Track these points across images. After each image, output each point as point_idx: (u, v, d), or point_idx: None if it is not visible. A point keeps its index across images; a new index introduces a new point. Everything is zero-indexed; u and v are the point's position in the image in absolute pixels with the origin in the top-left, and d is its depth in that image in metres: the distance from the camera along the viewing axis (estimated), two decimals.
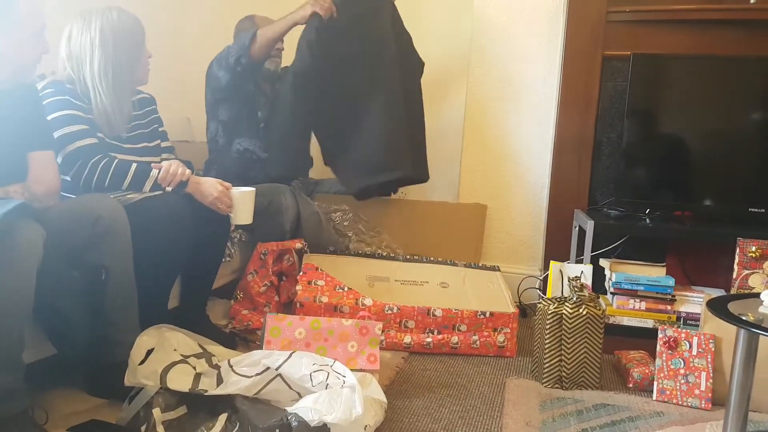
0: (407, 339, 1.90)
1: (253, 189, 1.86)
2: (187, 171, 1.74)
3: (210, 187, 1.75)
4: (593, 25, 2.24)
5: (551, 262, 1.91)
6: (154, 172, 1.69)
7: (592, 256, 2.10)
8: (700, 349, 1.64)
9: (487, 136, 2.54)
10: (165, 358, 1.40)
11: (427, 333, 1.91)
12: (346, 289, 1.95)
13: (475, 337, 1.92)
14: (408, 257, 2.19)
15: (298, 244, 2.12)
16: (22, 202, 1.32)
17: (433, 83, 2.87)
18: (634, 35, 2.21)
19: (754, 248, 1.95)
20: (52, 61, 1.71)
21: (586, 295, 1.78)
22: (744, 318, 1.22)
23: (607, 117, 2.28)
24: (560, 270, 1.88)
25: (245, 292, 2.04)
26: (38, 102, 1.62)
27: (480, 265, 2.21)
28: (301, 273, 2.01)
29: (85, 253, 1.53)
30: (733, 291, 1.98)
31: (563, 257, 2.31)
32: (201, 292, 1.93)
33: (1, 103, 1.51)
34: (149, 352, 1.43)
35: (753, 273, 1.94)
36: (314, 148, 2.43)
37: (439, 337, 1.91)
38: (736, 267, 1.97)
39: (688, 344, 1.66)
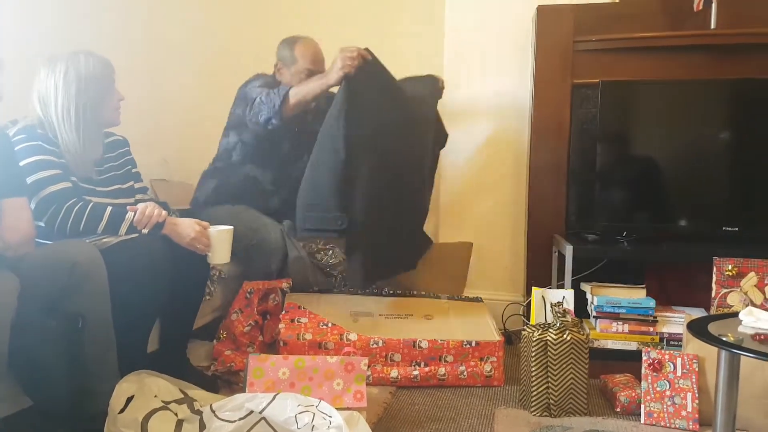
0: (394, 373, 1.88)
1: (231, 228, 1.84)
2: (163, 212, 1.73)
3: (187, 227, 1.74)
4: (561, 55, 2.30)
5: (533, 288, 1.92)
6: (130, 214, 1.67)
7: (573, 280, 2.11)
8: (684, 370, 1.65)
9: (464, 165, 2.57)
10: (145, 405, 1.37)
11: (414, 366, 1.90)
12: (330, 325, 1.94)
13: (462, 368, 1.91)
14: (391, 292, 2.19)
15: (285, 284, 2.10)
16: None
17: None
18: (601, 63, 2.27)
19: (730, 266, 1.98)
20: (23, 107, 1.71)
21: (569, 320, 1.79)
22: (724, 339, 1.24)
23: (579, 142, 2.33)
24: (542, 296, 1.89)
25: (228, 332, 2.01)
26: (9, 147, 1.60)
27: (463, 296, 2.21)
28: (283, 312, 1.99)
29: (62, 302, 1.51)
30: (712, 310, 2.00)
31: (545, 282, 2.31)
32: (181, 334, 1.90)
33: None
34: (129, 400, 1.39)
35: (731, 291, 1.97)
36: None
37: (426, 369, 1.89)
38: (714, 286, 2.00)
39: (672, 365, 1.67)
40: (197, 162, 2.53)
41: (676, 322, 2.04)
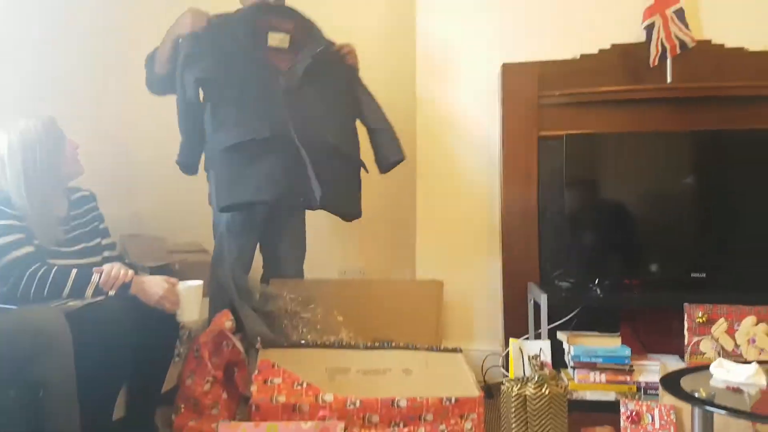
0: None
1: (200, 283, 1.80)
2: (130, 272, 1.69)
3: (155, 286, 1.70)
4: (527, 109, 2.37)
5: (510, 339, 1.92)
6: (95, 277, 1.64)
7: (549, 328, 2.12)
8: (662, 422, 1.65)
9: (439, 212, 2.59)
10: None
11: (393, 427, 1.84)
12: (304, 385, 1.88)
13: (443, 427, 1.86)
14: (369, 345, 2.15)
15: (228, 322, 2.02)
16: None
17: None
18: (566, 115, 2.35)
19: (700, 313, 2.01)
20: None
21: (547, 373, 1.78)
22: (696, 395, 1.24)
23: (549, 192, 2.38)
24: (520, 348, 1.89)
25: (186, 401, 1.89)
26: None
27: (441, 348, 2.19)
28: (256, 372, 1.93)
29: (23, 370, 1.44)
30: (686, 357, 2.02)
31: (522, 330, 2.32)
32: (148, 399, 1.83)
33: None
34: None
35: (703, 338, 1.99)
36: None
37: (405, 430, 1.85)
38: (686, 333, 2.02)
39: (650, 417, 1.66)
40: (170, 215, 2.51)
41: (652, 370, 2.05)
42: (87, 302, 1.62)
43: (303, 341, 2.13)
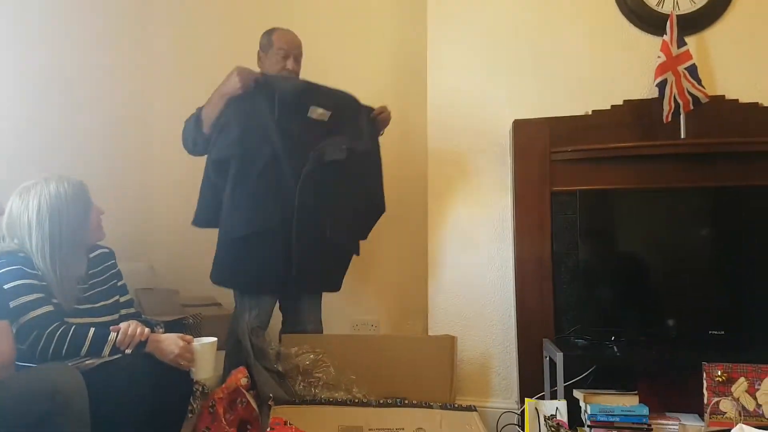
0: None
1: (215, 340, 1.82)
2: (146, 330, 1.71)
3: (171, 344, 1.72)
4: (539, 164, 2.39)
5: (526, 399, 1.90)
6: (112, 335, 1.67)
7: (565, 386, 2.08)
8: None
9: (451, 265, 2.59)
10: None
11: None
12: None
13: None
14: (381, 402, 2.13)
15: (243, 379, 2.02)
16: None
17: (397, 219, 2.98)
18: (579, 171, 2.35)
19: (719, 372, 1.97)
20: None
21: None
22: None
23: (563, 246, 2.37)
24: (536, 408, 1.86)
25: None
26: None
27: (456, 405, 2.16)
28: (269, 429, 1.92)
29: (40, 427, 1.46)
30: (706, 417, 1.97)
31: (538, 386, 2.28)
32: None
33: None
34: None
35: (723, 399, 1.95)
36: None
37: None
38: (705, 392, 1.98)
39: None
40: (184, 269, 2.54)
41: (671, 430, 2.01)
42: (104, 360, 1.64)
43: (315, 398, 2.13)
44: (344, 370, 2.26)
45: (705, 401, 1.99)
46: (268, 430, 1.92)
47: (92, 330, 1.66)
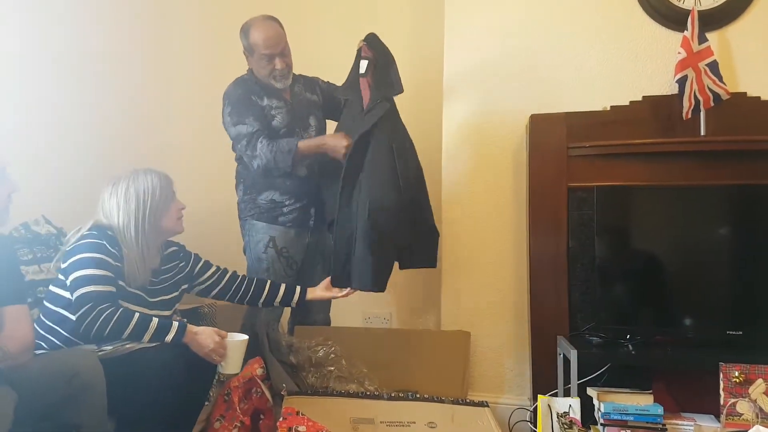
0: None
1: (246, 338, 1.87)
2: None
3: (207, 338, 1.77)
4: (556, 159, 2.36)
5: (539, 396, 1.89)
6: (154, 322, 1.72)
7: (579, 384, 2.07)
8: None
9: (465, 260, 2.58)
10: None
11: None
12: None
13: None
14: (393, 395, 2.14)
15: (259, 369, 2.05)
16: None
17: None
18: (596, 167, 2.33)
19: (737, 373, 1.95)
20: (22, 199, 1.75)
21: (576, 431, 1.74)
22: None
23: (578, 243, 2.35)
24: (548, 405, 1.85)
25: None
26: (11, 253, 1.64)
27: (468, 400, 2.16)
28: (281, 418, 1.93)
29: (59, 411, 1.49)
30: (722, 418, 1.95)
31: (551, 384, 2.27)
32: None
33: None
34: None
35: (740, 400, 1.93)
36: None
37: None
38: (722, 393, 1.96)
39: None
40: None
41: (685, 430, 1.99)
42: (140, 346, 1.70)
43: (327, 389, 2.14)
44: (356, 363, 2.28)
45: (721, 402, 1.97)
46: (281, 419, 1.94)
47: (137, 315, 1.71)
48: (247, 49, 2.35)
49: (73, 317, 1.69)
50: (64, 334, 1.74)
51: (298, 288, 2.15)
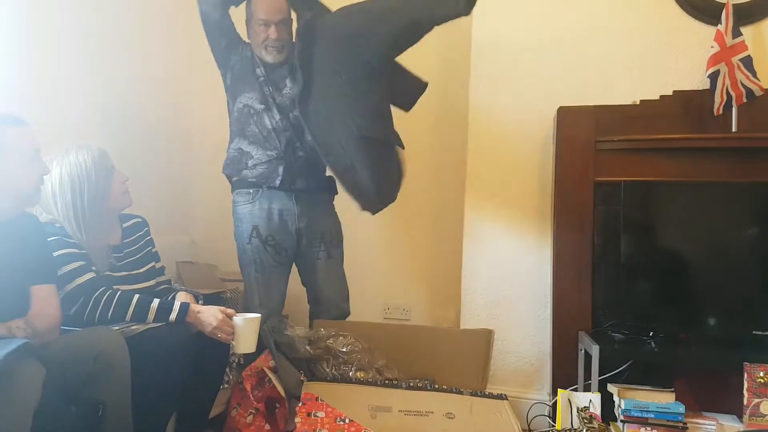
0: None
1: (258, 316, 1.85)
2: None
3: (209, 316, 1.76)
4: (583, 153, 2.33)
5: (559, 390, 1.88)
6: (156, 302, 1.70)
7: (600, 379, 2.06)
8: None
9: (487, 255, 2.57)
10: None
11: None
12: (347, 421, 1.89)
13: None
14: (411, 384, 2.14)
15: (271, 361, 2.06)
16: (25, 341, 1.31)
17: (431, 204, 2.97)
18: (624, 161, 2.30)
19: (761, 373, 1.92)
20: None
21: (596, 426, 1.73)
22: None
23: (604, 238, 2.32)
24: (568, 399, 1.84)
25: (233, 431, 1.96)
26: (41, 233, 1.66)
27: (486, 393, 2.15)
28: (300, 404, 1.95)
29: (84, 388, 1.51)
30: (744, 419, 1.93)
31: (571, 380, 2.25)
32: (196, 424, 1.88)
33: (5, 235, 1.55)
34: None
35: (763, 400, 1.90)
36: None
37: None
38: (745, 393, 1.93)
39: None
40: (224, 243, 2.58)
41: (707, 429, 1.97)
42: (148, 326, 1.69)
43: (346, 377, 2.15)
44: (376, 354, 2.27)
45: (745, 402, 1.94)
46: (300, 405, 1.95)
47: (136, 296, 1.71)
48: (247, 17, 2.29)
49: (71, 313, 1.67)
50: (67, 328, 1.69)
51: (178, 303, 1.75)
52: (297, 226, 2.29)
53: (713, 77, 2.23)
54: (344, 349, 2.21)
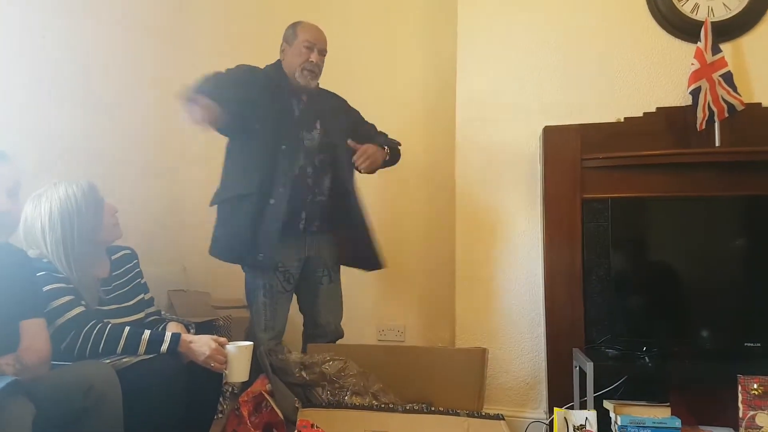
0: None
1: (250, 344, 1.84)
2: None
3: (203, 345, 1.74)
4: (570, 171, 2.36)
5: (555, 409, 1.87)
6: (146, 334, 1.69)
7: (595, 396, 2.05)
8: None
9: (479, 272, 2.58)
10: None
11: None
12: None
13: None
14: (408, 408, 2.13)
15: (268, 384, 2.05)
16: (14, 379, 1.30)
17: (423, 224, 2.97)
18: (610, 178, 2.32)
19: (755, 385, 1.92)
20: None
21: None
22: None
23: (593, 255, 2.33)
24: (565, 418, 1.84)
25: None
26: (29, 267, 1.65)
27: (483, 413, 2.14)
28: (296, 431, 1.93)
29: (76, 424, 1.49)
30: (741, 431, 1.92)
31: (567, 397, 2.25)
32: None
33: None
34: None
35: (759, 412, 1.90)
36: None
37: None
38: (740, 406, 1.93)
39: None
40: (216, 270, 2.57)
41: None
42: (139, 359, 1.67)
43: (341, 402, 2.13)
44: (371, 377, 2.26)
45: (740, 415, 1.94)
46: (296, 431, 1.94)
47: (127, 329, 1.69)
48: (288, 38, 2.36)
49: (61, 348, 1.64)
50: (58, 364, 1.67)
51: (168, 334, 1.74)
52: (306, 255, 2.36)
53: (695, 93, 2.27)
54: (340, 374, 2.20)
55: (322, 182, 2.33)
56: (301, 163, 2.28)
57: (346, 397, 2.16)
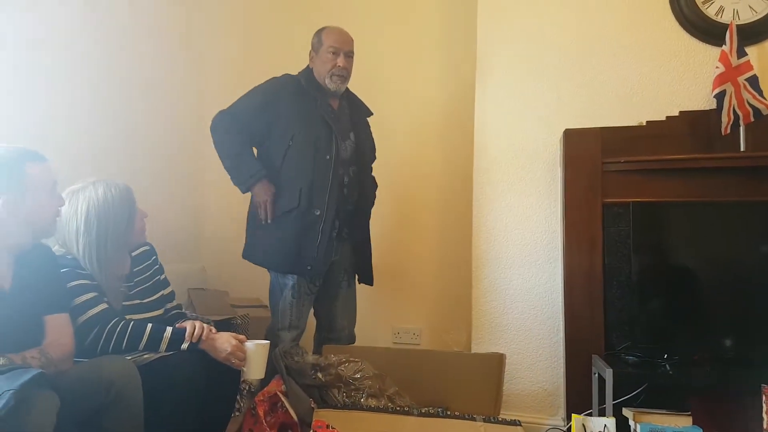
0: None
1: (268, 342, 1.86)
2: (211, 327, 1.78)
3: (224, 342, 1.76)
4: (590, 175, 2.34)
5: (573, 415, 1.85)
6: (168, 331, 1.71)
7: (614, 404, 2.02)
8: None
9: (497, 277, 2.56)
10: None
11: None
12: None
13: None
14: (423, 411, 2.12)
15: (283, 385, 2.06)
16: (40, 372, 1.32)
17: (440, 226, 2.97)
18: (632, 182, 2.30)
19: None
20: None
21: None
22: None
23: (614, 260, 2.31)
24: (583, 424, 1.81)
25: None
26: (55, 263, 1.68)
27: (500, 419, 2.12)
28: (311, 431, 1.93)
29: (97, 418, 1.51)
30: None
31: (585, 404, 2.22)
32: None
33: (22, 267, 1.57)
34: None
35: None
36: None
37: None
38: (765, 416, 1.89)
39: None
40: (234, 270, 2.60)
41: None
42: (160, 355, 1.70)
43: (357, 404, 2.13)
44: (386, 380, 2.26)
45: (764, 426, 1.89)
46: None
47: (150, 326, 1.72)
48: (315, 46, 2.40)
49: (85, 344, 1.66)
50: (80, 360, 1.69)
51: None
52: (333, 258, 2.39)
53: (719, 97, 2.23)
54: (356, 376, 2.20)
55: (353, 191, 2.39)
56: (340, 173, 2.33)
57: (362, 399, 2.15)
